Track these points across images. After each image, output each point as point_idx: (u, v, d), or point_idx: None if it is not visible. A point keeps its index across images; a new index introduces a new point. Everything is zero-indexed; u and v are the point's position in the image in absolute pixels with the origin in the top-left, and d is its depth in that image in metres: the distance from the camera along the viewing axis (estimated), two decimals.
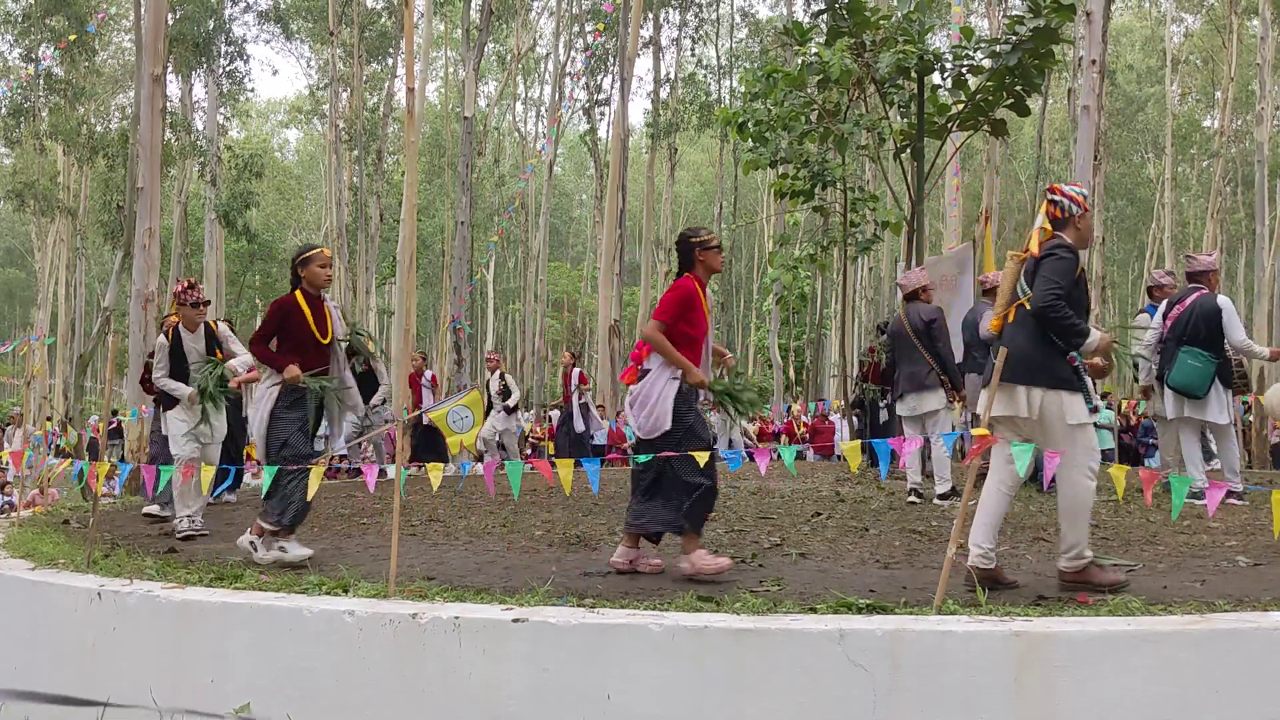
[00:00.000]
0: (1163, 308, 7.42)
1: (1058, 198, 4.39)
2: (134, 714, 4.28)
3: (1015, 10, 20.24)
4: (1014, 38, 9.53)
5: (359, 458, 10.66)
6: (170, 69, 21.52)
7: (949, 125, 10.67)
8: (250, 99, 35.95)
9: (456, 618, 3.80)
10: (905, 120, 11.01)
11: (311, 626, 4.02)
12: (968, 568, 4.28)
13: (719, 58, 33.93)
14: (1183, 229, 36.18)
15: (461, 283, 19.47)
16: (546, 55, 37.49)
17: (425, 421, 11.08)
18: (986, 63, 9.97)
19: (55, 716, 4.55)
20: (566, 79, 33.01)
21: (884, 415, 10.11)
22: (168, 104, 20.20)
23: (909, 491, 7.59)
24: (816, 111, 10.85)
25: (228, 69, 27.35)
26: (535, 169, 30.37)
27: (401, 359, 14.10)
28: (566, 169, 52.94)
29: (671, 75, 32.97)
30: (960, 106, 10.49)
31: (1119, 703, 3.21)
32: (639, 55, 26.94)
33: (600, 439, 16.73)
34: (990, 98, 10.15)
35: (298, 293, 5.67)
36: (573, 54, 33.56)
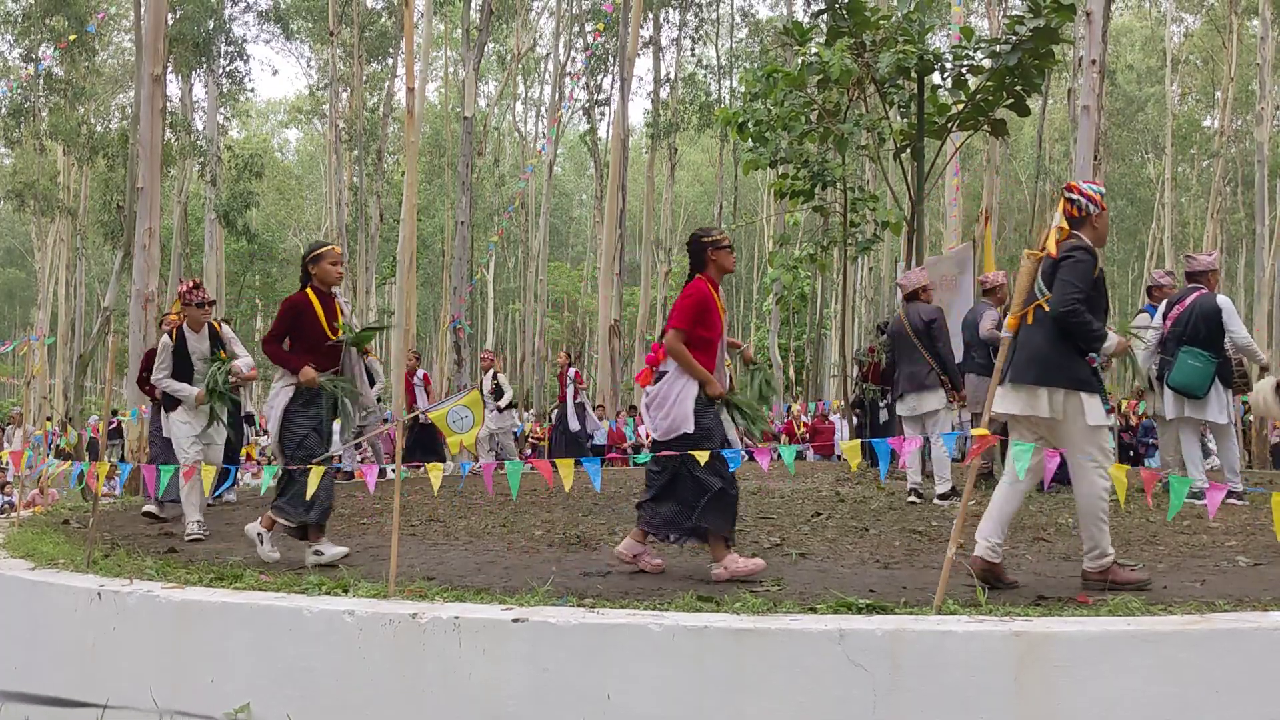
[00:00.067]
0: (1162, 308, 7.43)
1: (1076, 196, 4.31)
2: (134, 714, 4.28)
3: (1015, 10, 20.23)
4: (1014, 38, 9.52)
5: (354, 460, 10.63)
6: (170, 69, 21.52)
7: (949, 125, 10.67)
8: (250, 99, 35.97)
9: (456, 618, 3.80)
10: (905, 120, 11.00)
11: (311, 626, 4.02)
12: (972, 558, 4.27)
13: (719, 58, 33.90)
14: (1183, 229, 36.17)
15: (461, 283, 19.47)
16: (546, 55, 37.47)
17: (423, 421, 11.08)
18: (986, 63, 9.97)
19: (56, 717, 4.55)
20: (566, 79, 33.00)
21: (884, 415, 10.12)
22: (168, 104, 20.21)
23: (909, 491, 7.60)
24: (816, 111, 10.85)
25: (228, 69, 27.36)
26: (535, 169, 30.35)
27: (402, 359, 14.10)
28: (566, 169, 52.92)
29: (671, 75, 32.95)
30: (960, 106, 10.49)
31: (1119, 703, 3.21)
32: (639, 55, 26.95)
33: (600, 439, 16.73)
34: (990, 98, 10.14)
35: (309, 290, 5.61)
36: (573, 54, 33.55)
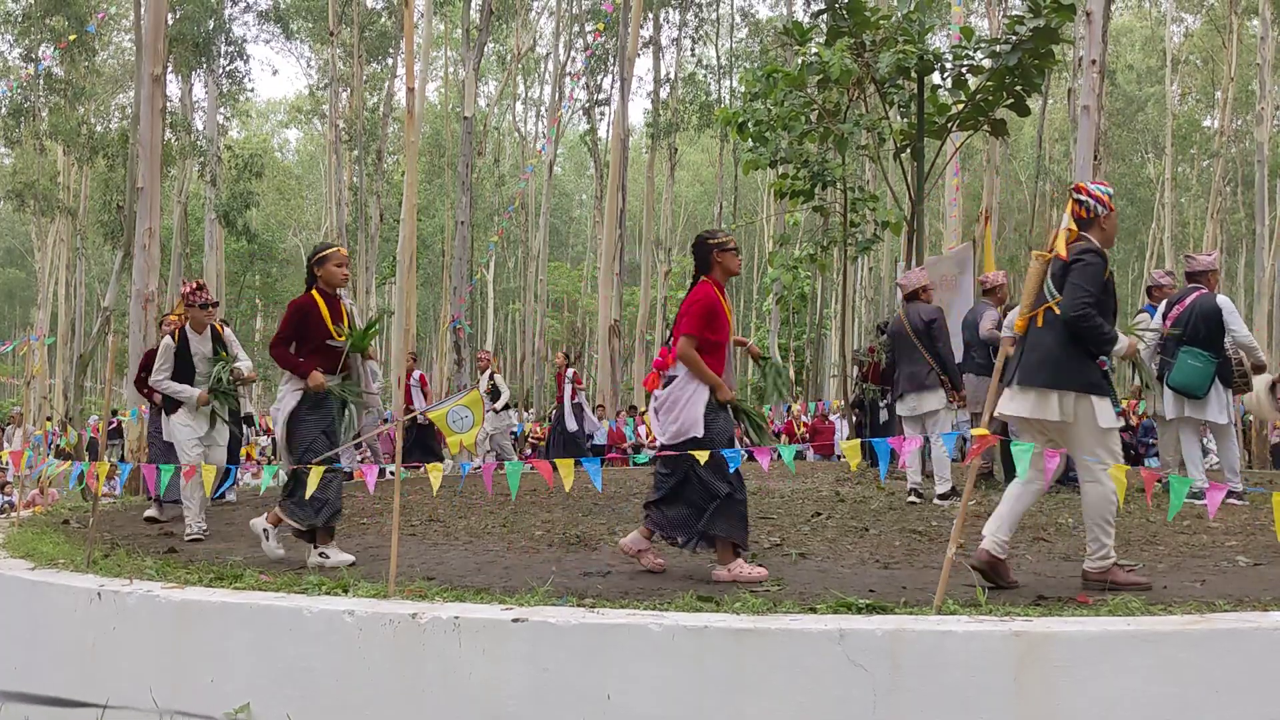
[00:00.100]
0: (1162, 308, 7.43)
1: (1084, 198, 4.27)
2: (134, 714, 4.28)
3: (1015, 10, 20.24)
4: (1014, 38, 9.52)
5: (353, 460, 10.61)
6: (170, 69, 21.52)
7: (949, 125, 10.67)
8: (250, 99, 35.96)
9: (456, 618, 3.80)
10: (905, 120, 11.00)
11: (311, 626, 4.02)
12: (978, 551, 4.26)
13: (719, 58, 33.89)
14: (1183, 229, 36.17)
15: (461, 283, 19.48)
16: (546, 55, 37.47)
17: (422, 421, 11.08)
18: (986, 63, 9.97)
19: (56, 717, 4.55)
20: (566, 79, 33.01)
21: (884, 415, 10.12)
22: (168, 104, 20.20)
23: (909, 491, 7.60)
24: (816, 111, 10.84)
25: (228, 69, 27.36)
26: (535, 169, 30.36)
27: (402, 359, 14.10)
28: (566, 169, 52.91)
29: (671, 75, 32.94)
30: (960, 106, 10.49)
31: (1119, 703, 3.21)
32: (639, 55, 26.93)
33: (600, 439, 16.74)
34: (990, 98, 10.14)
35: (314, 292, 5.57)
36: (573, 54, 33.55)
